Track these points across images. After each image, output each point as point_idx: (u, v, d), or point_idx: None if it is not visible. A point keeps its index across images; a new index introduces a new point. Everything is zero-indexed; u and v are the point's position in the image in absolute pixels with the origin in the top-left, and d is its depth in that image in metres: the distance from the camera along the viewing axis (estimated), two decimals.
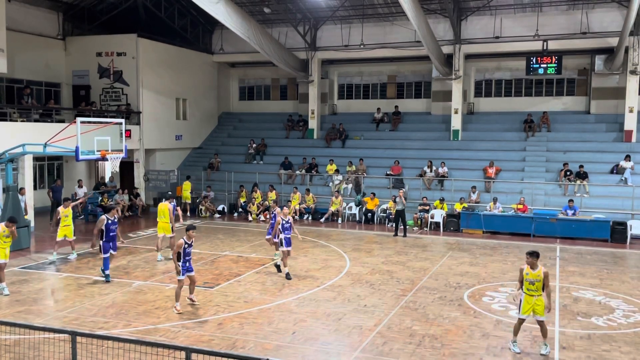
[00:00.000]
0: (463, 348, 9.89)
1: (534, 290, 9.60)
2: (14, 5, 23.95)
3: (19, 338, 9.25)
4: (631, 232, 20.00)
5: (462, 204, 22.44)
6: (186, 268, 11.66)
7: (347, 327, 10.87)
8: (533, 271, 9.61)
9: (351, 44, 28.74)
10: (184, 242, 11.56)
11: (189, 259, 11.72)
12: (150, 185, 27.03)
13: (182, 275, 11.61)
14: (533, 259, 9.63)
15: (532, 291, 9.61)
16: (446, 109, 28.65)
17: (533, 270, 9.62)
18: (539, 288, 9.60)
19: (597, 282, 14.44)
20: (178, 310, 11.47)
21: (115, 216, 14.46)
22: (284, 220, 14.50)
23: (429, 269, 15.56)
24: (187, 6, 28.18)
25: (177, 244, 11.58)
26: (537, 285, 9.57)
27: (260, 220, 23.93)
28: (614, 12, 25.01)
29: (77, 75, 27.47)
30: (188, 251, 11.68)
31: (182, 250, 11.54)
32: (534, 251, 9.77)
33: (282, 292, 13.17)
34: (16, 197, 17.91)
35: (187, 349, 6.45)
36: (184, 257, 11.57)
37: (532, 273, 9.61)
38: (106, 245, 13.99)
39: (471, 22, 26.98)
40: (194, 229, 11.76)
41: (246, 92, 34.42)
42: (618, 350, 9.89)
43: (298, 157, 28.10)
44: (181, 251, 11.53)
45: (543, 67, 25.50)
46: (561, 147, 25.77)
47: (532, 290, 9.60)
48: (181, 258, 11.55)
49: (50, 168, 26.74)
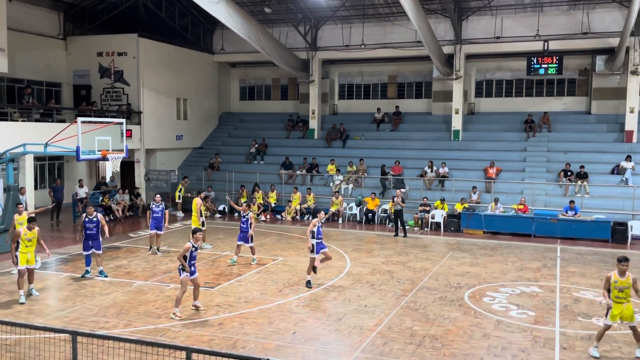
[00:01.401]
0: (463, 348, 9.88)
1: (623, 297, 9.49)
2: (14, 4, 23.96)
3: (20, 338, 9.25)
4: (632, 233, 20.00)
5: (462, 204, 22.44)
6: (191, 272, 11.39)
7: (348, 327, 10.87)
8: (622, 278, 9.49)
9: (352, 44, 28.74)
10: (192, 245, 11.34)
11: (193, 263, 11.47)
12: (151, 185, 27.04)
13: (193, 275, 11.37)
14: (625, 266, 9.49)
15: (621, 298, 9.48)
16: (447, 109, 28.64)
17: (622, 277, 9.50)
18: (627, 295, 9.49)
19: (597, 282, 14.40)
20: (179, 316, 11.14)
21: (98, 216, 14.50)
22: (319, 224, 13.71)
23: (430, 269, 15.56)
24: (187, 6, 28.18)
25: (185, 247, 11.34)
26: (627, 292, 9.47)
27: (261, 220, 23.94)
28: (614, 12, 25.01)
29: (78, 75, 27.48)
30: (194, 255, 11.46)
31: (189, 253, 11.32)
32: (626, 257, 9.63)
33: (282, 292, 13.18)
34: (17, 197, 17.90)
35: (188, 349, 6.45)
36: (189, 260, 11.33)
37: (622, 280, 9.48)
38: (85, 243, 14.33)
39: (472, 22, 26.97)
40: (200, 231, 11.66)
41: (247, 92, 34.43)
42: (619, 350, 9.88)
43: (298, 157, 28.10)
44: (187, 254, 11.30)
45: (544, 68, 25.49)
46: (562, 147, 25.75)
47: (621, 297, 9.48)
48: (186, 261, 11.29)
49: (51, 168, 26.75)
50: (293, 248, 18.32)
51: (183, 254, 11.25)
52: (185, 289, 11.32)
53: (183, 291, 11.32)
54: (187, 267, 11.26)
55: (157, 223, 17.04)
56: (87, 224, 14.33)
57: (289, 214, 24.33)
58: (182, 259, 11.22)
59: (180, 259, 11.26)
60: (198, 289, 11.75)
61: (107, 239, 19.33)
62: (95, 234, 14.37)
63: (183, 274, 11.27)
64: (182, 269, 11.25)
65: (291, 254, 17.39)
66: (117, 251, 17.50)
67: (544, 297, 13.02)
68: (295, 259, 16.57)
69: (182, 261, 11.23)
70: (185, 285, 11.30)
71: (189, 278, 11.33)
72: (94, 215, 14.44)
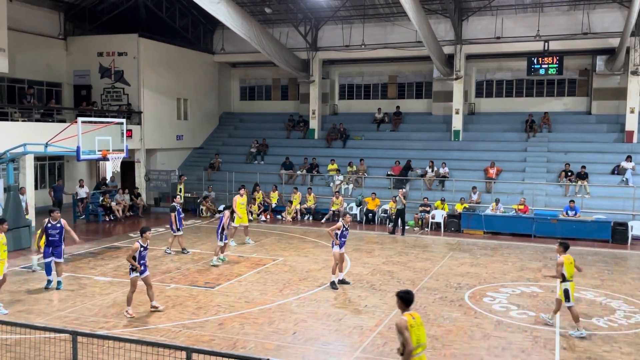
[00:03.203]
0: (464, 349, 9.88)
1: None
2: (15, 5, 23.96)
3: (20, 338, 9.25)
4: (632, 233, 19.97)
5: (462, 205, 22.44)
6: (141, 271, 11.43)
7: (348, 327, 10.87)
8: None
9: (352, 44, 28.73)
10: (140, 245, 11.37)
11: (143, 262, 11.49)
12: (151, 185, 27.04)
13: (143, 274, 11.43)
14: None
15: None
16: (447, 109, 28.64)
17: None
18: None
19: (598, 282, 14.43)
20: (130, 314, 11.20)
21: (62, 221, 13.39)
22: (344, 228, 13.61)
23: (430, 270, 15.55)
24: (188, 6, 28.18)
25: (133, 247, 11.36)
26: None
27: (261, 220, 23.95)
28: (615, 12, 25.00)
29: (78, 75, 27.48)
30: (144, 254, 11.50)
31: (138, 253, 11.32)
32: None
33: (282, 292, 13.17)
34: (17, 197, 17.92)
35: (188, 349, 6.45)
36: (139, 260, 11.35)
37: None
38: (46, 249, 13.30)
39: (472, 23, 26.97)
40: (149, 230, 11.65)
41: (247, 92, 34.43)
42: (619, 351, 9.88)
43: (299, 157, 28.09)
44: (137, 254, 11.30)
45: (544, 68, 25.45)
46: (562, 147, 25.74)
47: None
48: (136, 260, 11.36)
49: (52, 168, 26.76)
50: (293, 248, 18.31)
51: (132, 254, 11.31)
52: (134, 288, 11.43)
53: (132, 291, 11.41)
54: (138, 267, 11.35)
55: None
56: (49, 229, 13.17)
57: (289, 214, 24.34)
58: (132, 259, 11.32)
59: (129, 260, 11.36)
60: (152, 288, 11.73)
61: (107, 239, 19.49)
62: (58, 240, 13.22)
63: (133, 273, 11.37)
64: (133, 268, 11.35)
65: (291, 254, 17.39)
66: (117, 251, 17.49)
67: (544, 298, 13.02)
68: (296, 259, 16.57)
69: (131, 261, 11.33)
70: (134, 284, 11.39)
71: (139, 277, 11.43)
72: (58, 220, 13.30)
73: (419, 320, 6.90)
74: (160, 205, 26.62)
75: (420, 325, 6.86)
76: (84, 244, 17.71)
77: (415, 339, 6.68)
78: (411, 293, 7.12)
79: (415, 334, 6.72)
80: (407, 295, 7.04)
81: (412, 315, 6.87)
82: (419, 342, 6.74)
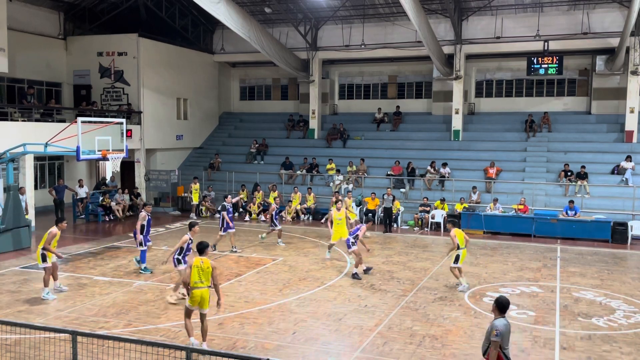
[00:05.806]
0: (463, 348, 9.88)
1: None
2: (15, 4, 23.96)
3: (20, 337, 9.25)
4: (632, 233, 19.98)
5: (462, 204, 22.44)
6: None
7: (348, 327, 10.87)
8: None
9: (352, 44, 28.73)
10: (189, 238, 12.20)
11: (189, 254, 12.26)
12: (151, 185, 27.04)
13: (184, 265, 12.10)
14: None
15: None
16: (447, 109, 28.64)
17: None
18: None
19: (597, 282, 14.43)
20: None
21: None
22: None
23: (430, 269, 15.56)
24: (188, 6, 28.19)
25: (182, 239, 12.25)
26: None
27: (261, 220, 23.94)
28: (614, 12, 25.00)
29: (78, 75, 27.48)
30: (190, 247, 12.29)
31: (186, 245, 12.20)
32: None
33: (282, 292, 13.18)
34: (17, 197, 17.92)
35: (188, 349, 6.46)
36: (185, 252, 12.27)
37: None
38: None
39: (472, 22, 26.97)
40: (197, 225, 12.48)
41: (247, 92, 34.42)
42: (619, 350, 9.88)
43: (299, 157, 28.09)
44: (184, 246, 12.19)
45: (544, 68, 25.47)
46: (562, 147, 25.75)
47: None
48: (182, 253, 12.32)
49: (51, 168, 26.76)
50: (293, 248, 18.31)
51: (181, 245, 12.18)
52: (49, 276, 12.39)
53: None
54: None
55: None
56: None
57: (289, 214, 24.32)
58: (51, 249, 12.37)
59: (172, 254, 12.27)
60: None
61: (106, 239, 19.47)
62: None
63: (180, 265, 12.23)
64: (179, 260, 12.26)
65: (291, 254, 17.38)
66: (117, 251, 17.50)
67: (544, 297, 13.02)
68: (295, 259, 16.57)
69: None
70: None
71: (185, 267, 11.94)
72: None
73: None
74: (160, 205, 26.60)
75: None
76: (84, 244, 17.68)
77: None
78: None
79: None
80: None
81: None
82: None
